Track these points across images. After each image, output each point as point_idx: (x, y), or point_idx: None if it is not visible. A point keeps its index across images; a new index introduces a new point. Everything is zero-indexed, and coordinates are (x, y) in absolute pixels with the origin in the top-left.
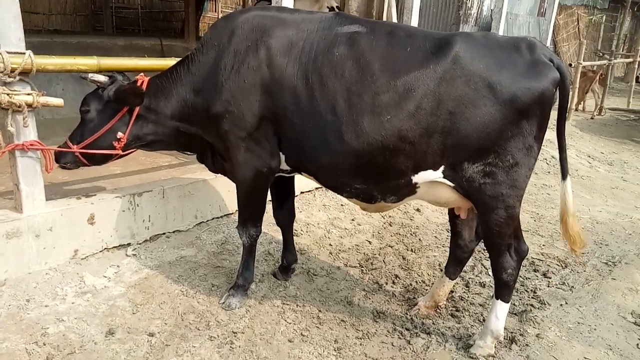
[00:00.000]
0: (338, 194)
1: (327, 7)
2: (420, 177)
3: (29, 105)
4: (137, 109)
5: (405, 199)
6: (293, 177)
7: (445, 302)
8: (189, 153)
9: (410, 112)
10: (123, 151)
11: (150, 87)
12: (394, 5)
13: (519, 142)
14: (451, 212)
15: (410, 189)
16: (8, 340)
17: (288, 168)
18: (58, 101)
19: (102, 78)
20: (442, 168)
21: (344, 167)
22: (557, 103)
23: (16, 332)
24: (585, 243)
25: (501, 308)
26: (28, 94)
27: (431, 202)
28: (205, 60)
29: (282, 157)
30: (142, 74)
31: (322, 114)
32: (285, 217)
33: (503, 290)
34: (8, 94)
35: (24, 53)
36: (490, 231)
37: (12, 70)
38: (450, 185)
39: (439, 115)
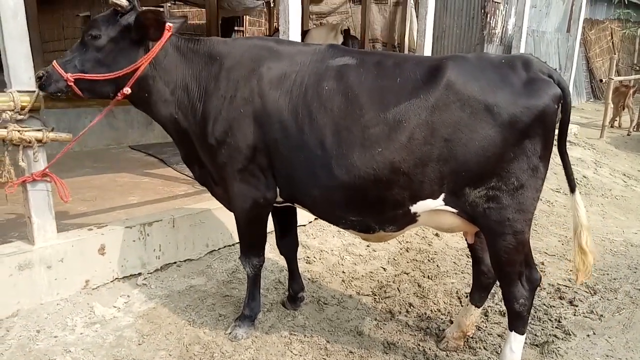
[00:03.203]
0: (334, 225)
1: (341, 30)
2: (419, 207)
3: (39, 141)
4: (157, 47)
5: (407, 228)
6: (294, 207)
7: (473, 332)
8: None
9: (402, 144)
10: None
11: (171, 41)
12: (415, 29)
13: (522, 164)
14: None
15: (410, 219)
16: None
17: (281, 199)
18: (67, 136)
19: (124, 1)
20: (442, 196)
21: (337, 200)
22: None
23: None
24: (591, 271)
25: (516, 340)
26: (38, 130)
27: (435, 228)
28: (208, 71)
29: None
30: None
31: (312, 148)
32: (289, 247)
33: (517, 322)
34: (19, 131)
35: (34, 91)
36: (499, 258)
37: (22, 108)
38: (453, 212)
39: (434, 144)
